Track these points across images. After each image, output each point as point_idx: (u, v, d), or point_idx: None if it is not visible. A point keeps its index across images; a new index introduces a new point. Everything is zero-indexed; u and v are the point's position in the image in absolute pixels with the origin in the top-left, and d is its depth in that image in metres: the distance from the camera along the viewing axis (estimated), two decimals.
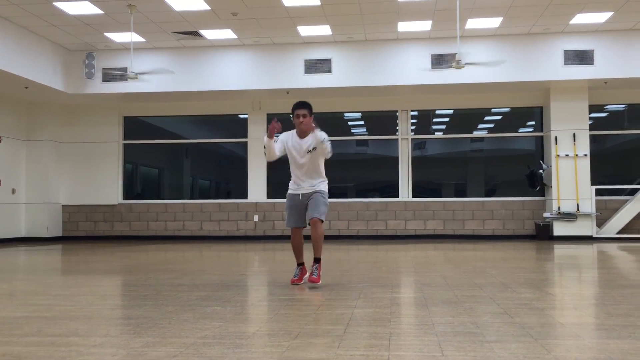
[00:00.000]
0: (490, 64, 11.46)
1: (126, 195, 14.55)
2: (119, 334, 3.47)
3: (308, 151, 5.31)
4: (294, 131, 5.43)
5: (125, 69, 12.18)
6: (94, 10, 10.61)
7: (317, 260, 5.36)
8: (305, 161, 5.33)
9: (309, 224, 5.34)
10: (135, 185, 15.02)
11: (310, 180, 5.39)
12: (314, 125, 5.26)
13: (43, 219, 13.81)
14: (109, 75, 12.88)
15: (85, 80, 12.97)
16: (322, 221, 5.29)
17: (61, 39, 12.29)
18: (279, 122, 5.24)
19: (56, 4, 10.31)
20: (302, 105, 5.38)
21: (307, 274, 5.44)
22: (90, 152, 14.40)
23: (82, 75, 12.95)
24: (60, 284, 5.96)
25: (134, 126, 14.64)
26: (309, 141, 5.32)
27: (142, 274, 6.65)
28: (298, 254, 5.52)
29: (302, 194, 5.39)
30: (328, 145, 5.22)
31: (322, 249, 5.40)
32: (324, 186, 5.44)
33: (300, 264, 5.54)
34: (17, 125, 13.67)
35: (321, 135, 5.24)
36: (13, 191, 13.49)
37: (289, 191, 5.48)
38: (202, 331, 3.44)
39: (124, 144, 14.55)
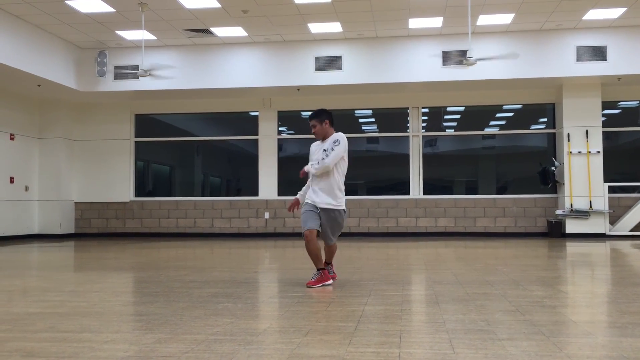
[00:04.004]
0: (503, 57, 11.38)
1: (138, 193, 14.63)
2: (130, 330, 3.49)
3: (324, 150, 5.20)
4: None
5: (136, 67, 12.23)
6: (105, 8, 10.67)
7: (329, 264, 5.44)
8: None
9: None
10: (147, 182, 15.09)
11: (326, 193, 5.18)
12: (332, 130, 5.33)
13: (56, 216, 13.91)
14: (121, 73, 12.95)
15: (97, 78, 13.04)
16: None
17: (73, 37, 12.37)
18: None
19: (68, 2, 10.37)
20: (312, 116, 5.38)
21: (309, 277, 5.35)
22: (102, 149, 14.49)
23: (94, 73, 13.02)
24: (73, 280, 6.00)
25: (145, 124, 14.71)
26: (327, 144, 5.25)
27: (153, 271, 6.68)
28: (317, 260, 5.21)
29: (320, 208, 5.19)
30: (322, 163, 5.15)
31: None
32: (341, 200, 5.25)
33: (321, 269, 5.25)
34: (30, 122, 13.77)
35: (334, 137, 5.24)
36: (26, 188, 13.60)
37: (306, 200, 5.30)
38: (213, 328, 3.45)
39: (136, 142, 14.62)
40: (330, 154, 5.15)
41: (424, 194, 13.65)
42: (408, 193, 13.70)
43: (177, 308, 4.13)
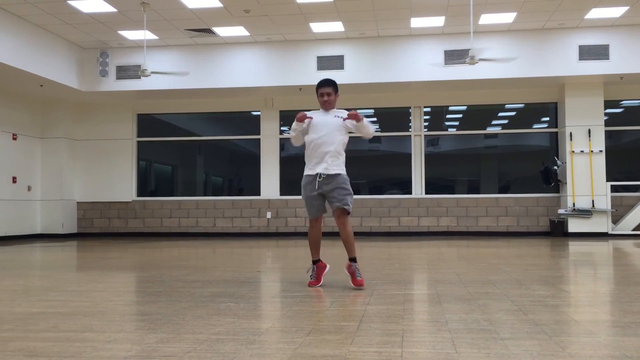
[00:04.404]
0: (502, 61, 11.38)
1: (140, 192, 14.64)
2: (133, 329, 3.49)
3: (335, 117, 5.04)
4: (319, 110, 5.21)
5: (138, 67, 12.24)
6: (107, 8, 10.68)
7: (353, 260, 5.01)
8: (329, 131, 5.00)
9: (334, 216, 5.05)
10: (149, 182, 15.11)
11: (329, 159, 4.96)
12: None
13: (58, 215, 13.93)
14: (123, 73, 12.96)
15: (99, 78, 13.06)
16: (349, 213, 5.00)
17: (75, 37, 12.38)
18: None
19: (70, 2, 10.38)
20: (327, 82, 5.13)
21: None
22: (104, 149, 14.51)
23: (96, 73, 13.04)
24: (76, 280, 6.01)
25: (147, 123, 14.72)
26: (337, 113, 5.10)
27: (156, 271, 6.68)
28: (315, 249, 5.16)
29: (319, 173, 4.94)
30: (368, 126, 5.07)
31: (355, 246, 5.08)
32: (343, 168, 5.03)
33: (316, 261, 5.20)
34: (32, 122, 13.79)
35: (340, 111, 5.11)
36: (29, 188, 13.62)
37: (305, 173, 5.08)
38: (215, 327, 3.45)
39: (138, 141, 14.64)
40: (365, 122, 5.08)
41: (426, 193, 13.65)
42: (410, 192, 13.70)
43: (180, 308, 4.13)
